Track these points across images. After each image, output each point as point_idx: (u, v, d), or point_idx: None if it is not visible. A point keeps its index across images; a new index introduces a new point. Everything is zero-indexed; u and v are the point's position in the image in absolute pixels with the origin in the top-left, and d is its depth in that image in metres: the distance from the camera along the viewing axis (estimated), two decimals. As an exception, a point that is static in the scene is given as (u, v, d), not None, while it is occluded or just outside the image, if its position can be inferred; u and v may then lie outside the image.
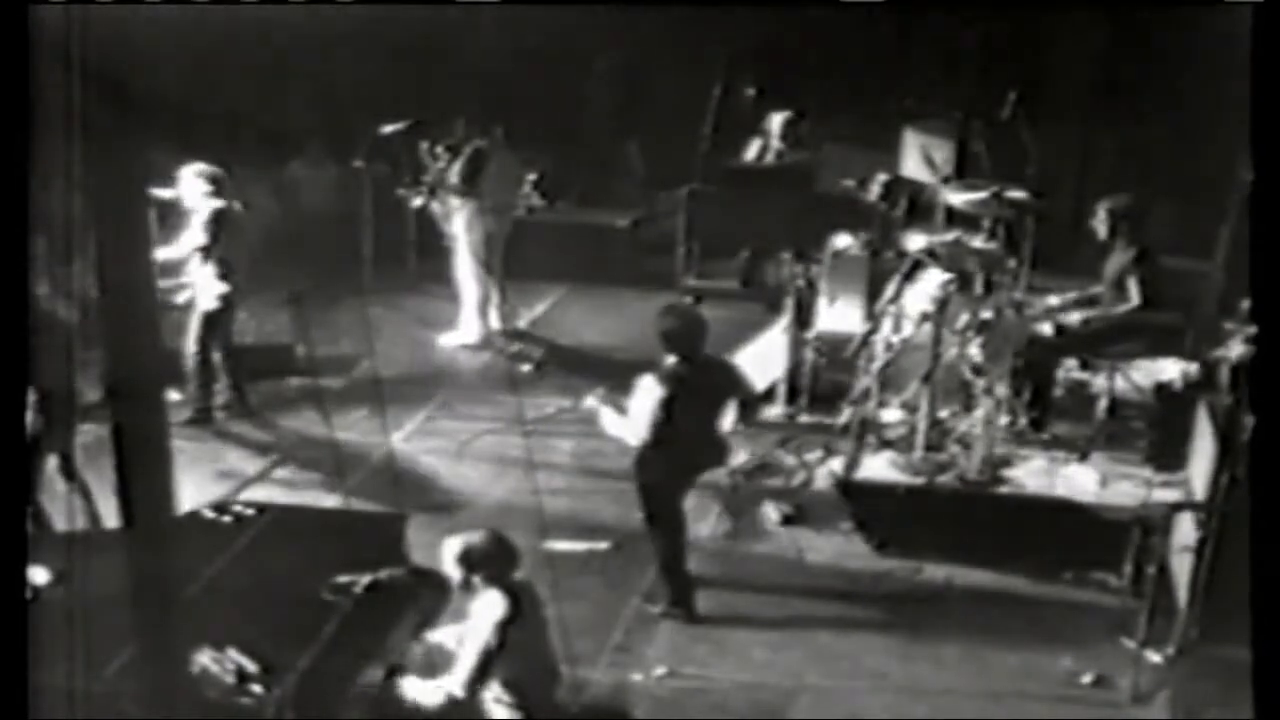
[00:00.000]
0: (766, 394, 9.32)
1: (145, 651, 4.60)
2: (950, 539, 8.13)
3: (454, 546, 6.08)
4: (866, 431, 8.80)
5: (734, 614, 7.73)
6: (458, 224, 10.72)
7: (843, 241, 9.83)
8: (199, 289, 9.28)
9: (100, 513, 6.86)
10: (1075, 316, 8.88)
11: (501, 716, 6.03)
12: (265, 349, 9.99)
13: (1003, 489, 8.39)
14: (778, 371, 9.55)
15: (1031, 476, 8.47)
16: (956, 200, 9.14)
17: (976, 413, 8.61)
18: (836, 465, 8.77)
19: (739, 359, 8.84)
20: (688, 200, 11.64)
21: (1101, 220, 8.79)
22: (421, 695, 5.90)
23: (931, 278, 8.81)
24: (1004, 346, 8.64)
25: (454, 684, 5.90)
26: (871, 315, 9.17)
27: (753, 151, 11.29)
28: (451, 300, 10.92)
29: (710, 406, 7.52)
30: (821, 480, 8.81)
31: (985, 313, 8.70)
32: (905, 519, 8.29)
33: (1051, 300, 9.10)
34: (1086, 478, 8.44)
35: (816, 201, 10.62)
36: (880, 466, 8.58)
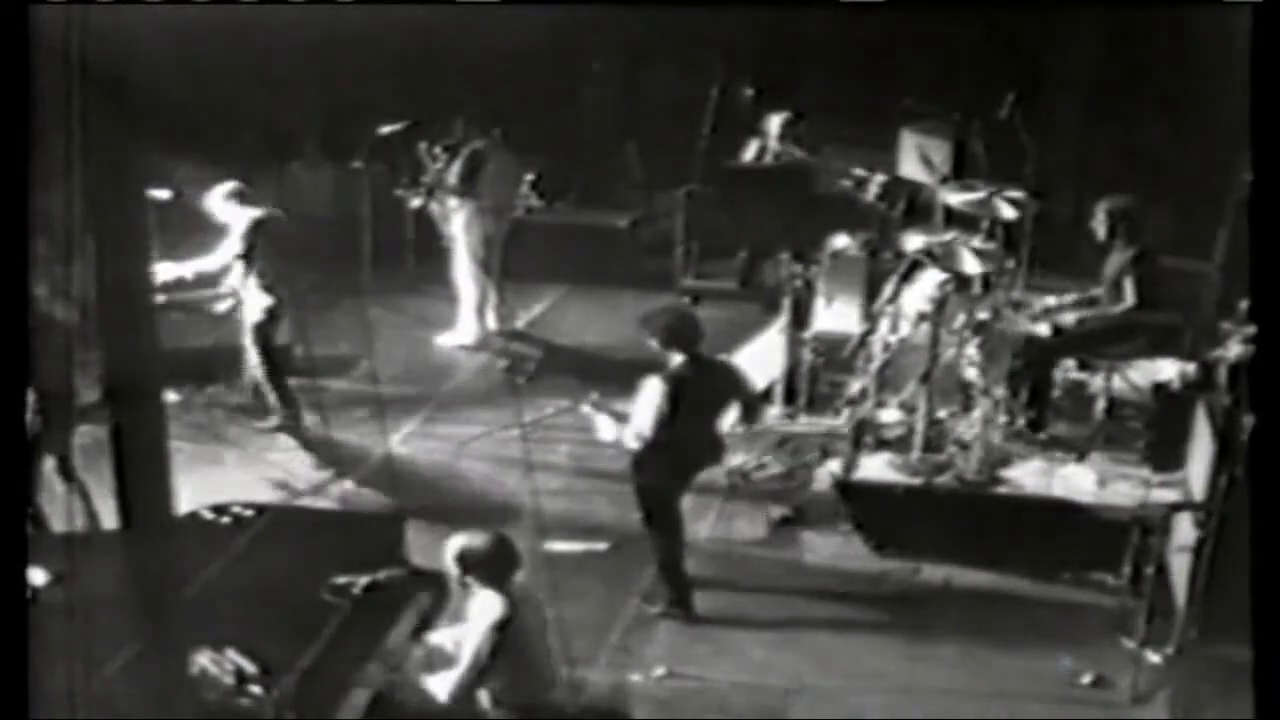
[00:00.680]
0: (765, 395, 9.31)
1: (144, 652, 4.60)
2: (949, 539, 8.13)
3: (453, 546, 6.08)
4: (864, 432, 8.79)
5: (733, 614, 7.73)
6: (456, 225, 10.71)
7: (841, 242, 9.83)
8: (244, 300, 9.19)
9: (99, 514, 6.85)
10: (1071, 317, 8.88)
11: (496, 718, 6.03)
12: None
13: (1001, 489, 8.38)
14: (775, 372, 9.55)
15: (1030, 477, 8.46)
16: (954, 201, 9.13)
17: (974, 413, 8.61)
18: (835, 466, 8.76)
19: (737, 359, 8.83)
20: (686, 201, 11.66)
21: (1100, 221, 8.78)
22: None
23: (929, 278, 8.81)
24: (1002, 347, 8.64)
25: (447, 685, 5.90)
26: (869, 315, 9.17)
27: (751, 152, 11.29)
28: (450, 301, 10.91)
29: (712, 408, 7.52)
30: (820, 481, 8.80)
31: (983, 313, 8.71)
32: (903, 519, 8.29)
33: (1049, 301, 9.09)
34: (1085, 478, 8.44)
35: (814, 202, 10.62)
36: (878, 467, 8.57)
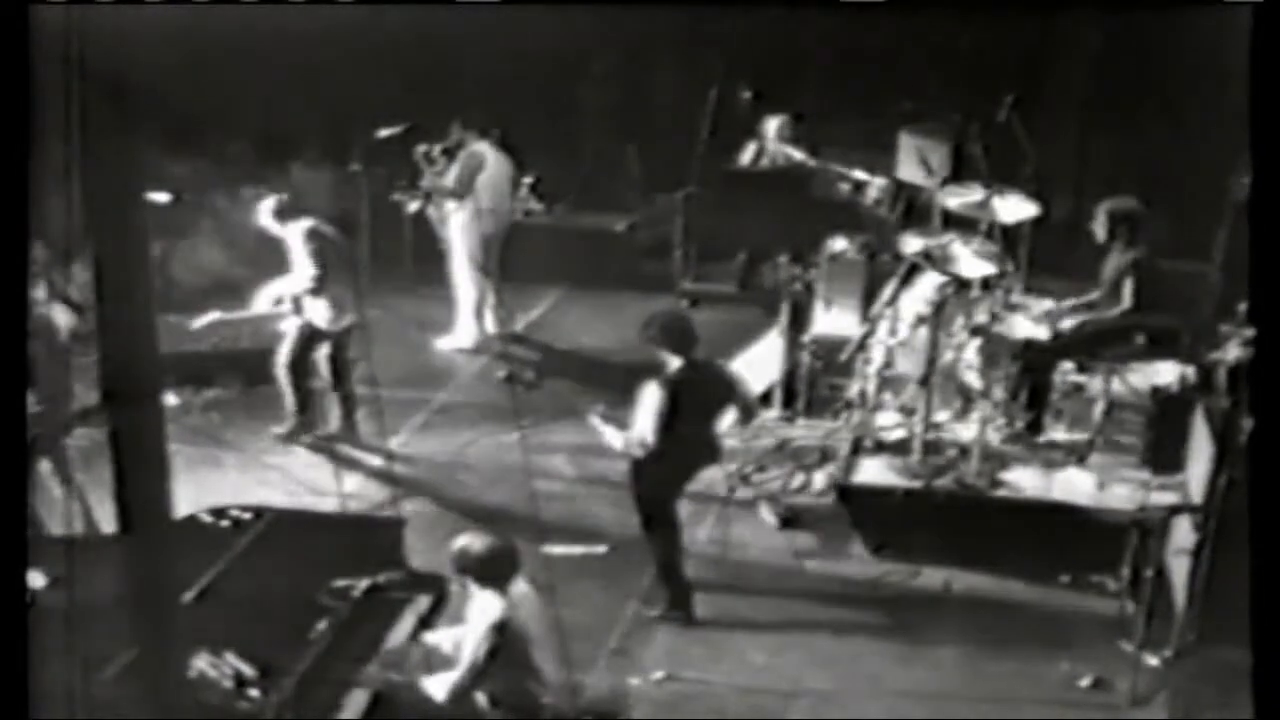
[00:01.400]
0: (763, 397, 9.31)
1: (143, 655, 4.59)
2: (948, 542, 8.13)
3: (453, 548, 6.08)
4: (863, 435, 8.79)
5: (732, 617, 7.73)
6: (454, 227, 10.71)
7: (839, 244, 9.82)
8: (313, 317, 9.08)
9: (97, 517, 6.84)
10: (1069, 320, 8.87)
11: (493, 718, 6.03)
12: (262, 353, 9.95)
13: (1000, 492, 8.37)
14: (774, 375, 9.54)
15: (1029, 479, 8.46)
16: (953, 203, 9.12)
17: (973, 416, 8.60)
18: (834, 468, 8.76)
19: (736, 364, 8.83)
20: (684, 203, 11.65)
21: (1101, 222, 8.78)
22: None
23: (928, 281, 8.81)
24: (1000, 350, 8.63)
25: (445, 686, 5.90)
26: (868, 318, 9.16)
27: (748, 155, 11.29)
28: (448, 304, 10.91)
29: (709, 411, 7.52)
30: (819, 483, 8.81)
31: (981, 316, 8.70)
32: (903, 522, 8.28)
33: (1048, 304, 9.07)
34: (1084, 481, 8.43)
35: (812, 205, 10.63)
36: (877, 470, 8.57)
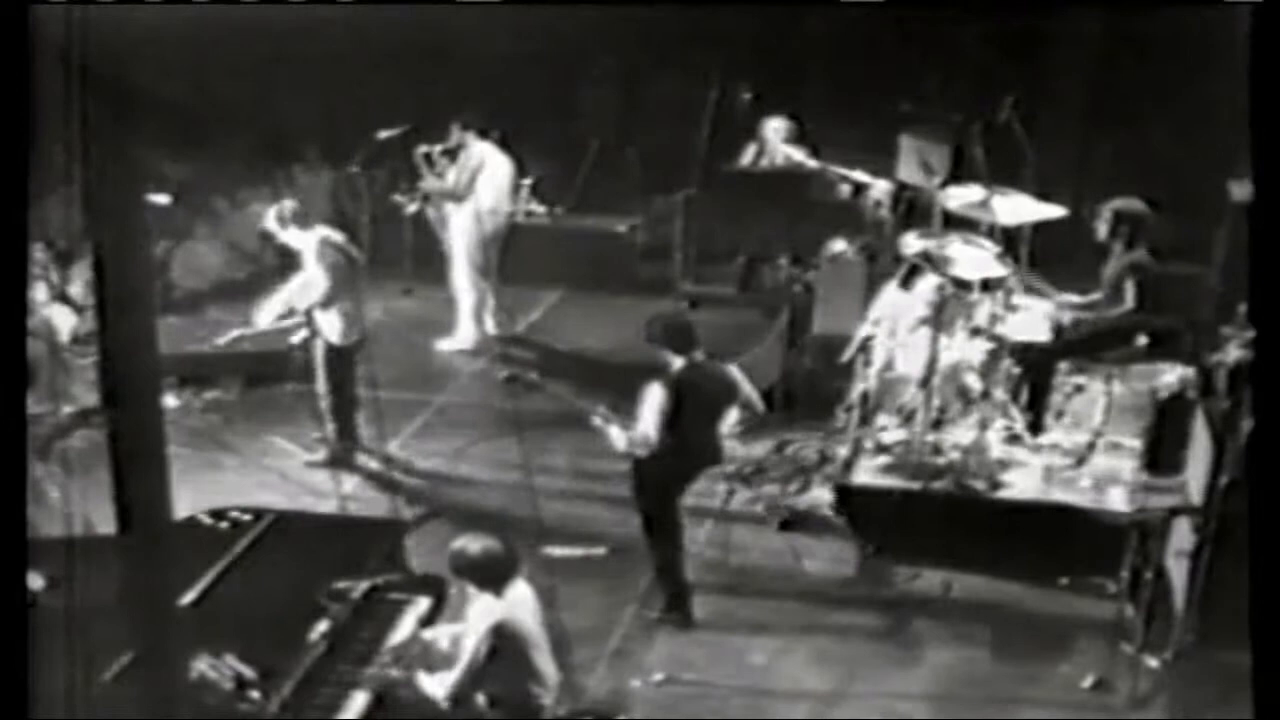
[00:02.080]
0: (764, 398, 9.30)
1: (142, 657, 4.59)
2: (947, 544, 8.13)
3: (452, 550, 6.08)
4: (863, 436, 8.79)
5: (731, 619, 7.73)
6: (454, 229, 10.71)
7: (839, 246, 9.82)
8: (325, 329, 8.89)
9: (95, 519, 6.84)
10: (1069, 320, 8.88)
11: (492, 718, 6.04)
12: (261, 355, 9.97)
13: (1000, 494, 8.37)
14: (774, 376, 9.54)
15: (1029, 481, 8.45)
16: (953, 204, 9.13)
17: (973, 417, 8.60)
18: (833, 470, 8.76)
19: (736, 365, 8.82)
20: (685, 205, 11.65)
21: (1105, 220, 8.77)
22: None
23: (928, 282, 8.80)
24: (1000, 351, 8.62)
25: (444, 687, 5.90)
26: (868, 319, 9.15)
27: (749, 156, 11.29)
28: (448, 305, 10.91)
29: (710, 411, 7.53)
30: (818, 485, 8.80)
31: (981, 317, 8.70)
32: (902, 524, 8.28)
33: (1047, 305, 9.06)
34: (1083, 482, 8.43)
35: (813, 206, 10.64)
36: (877, 471, 8.57)
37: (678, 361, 7.39)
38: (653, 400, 7.25)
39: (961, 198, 8.96)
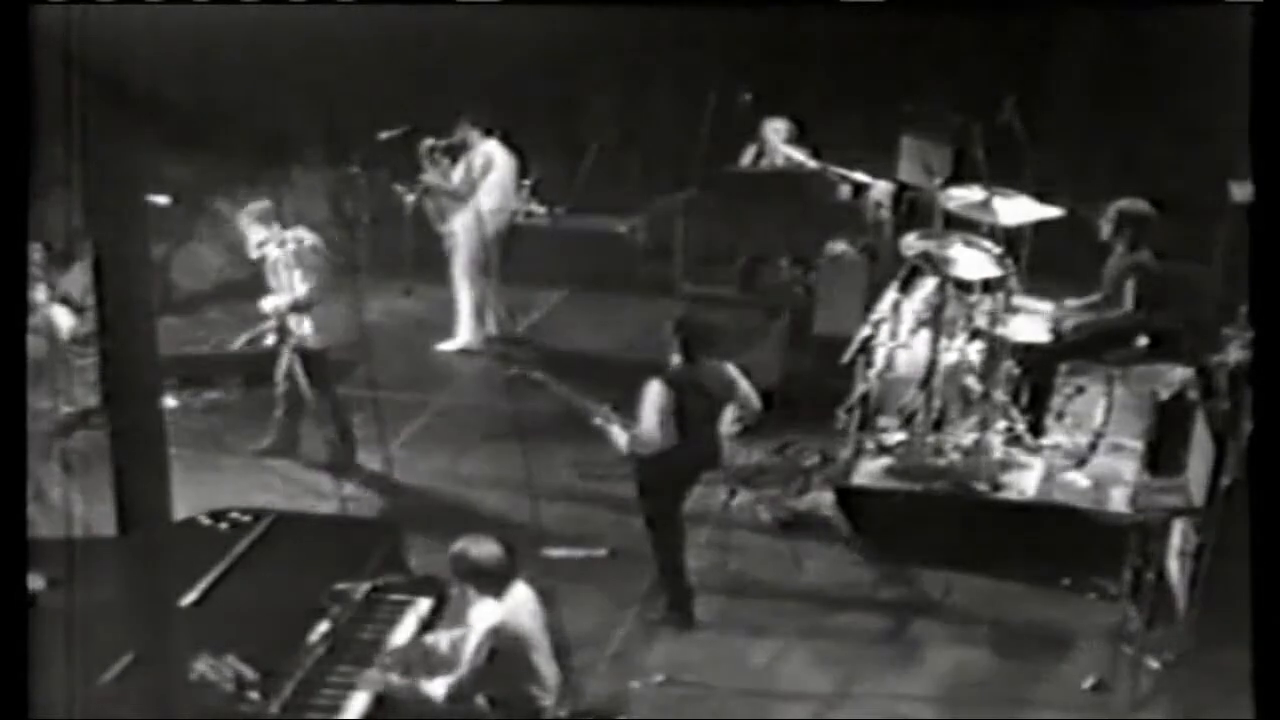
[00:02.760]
0: (764, 399, 9.29)
1: (143, 658, 4.59)
2: (948, 545, 8.12)
3: (452, 552, 6.07)
4: (864, 437, 8.78)
5: (732, 621, 7.72)
6: (456, 228, 10.70)
7: (840, 247, 9.82)
8: (298, 332, 8.90)
9: (95, 519, 6.83)
10: (1070, 322, 8.87)
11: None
12: (261, 355, 9.95)
13: (1000, 495, 8.37)
14: (775, 377, 9.53)
15: (1029, 482, 8.45)
16: (953, 205, 9.12)
17: (974, 418, 8.59)
18: (834, 471, 8.75)
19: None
20: (685, 205, 11.65)
21: (1109, 218, 8.77)
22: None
23: (928, 283, 8.80)
24: (1001, 352, 8.62)
25: (445, 689, 5.89)
26: (869, 320, 9.15)
27: (749, 157, 11.28)
28: (448, 306, 10.90)
29: (709, 409, 7.52)
30: (819, 487, 8.79)
31: (982, 318, 8.69)
32: (903, 525, 8.28)
33: (1048, 305, 9.06)
34: (1084, 483, 8.43)
35: (813, 206, 10.63)
36: (878, 473, 8.56)
37: (676, 359, 7.39)
38: (653, 398, 7.25)
39: (962, 198, 8.94)
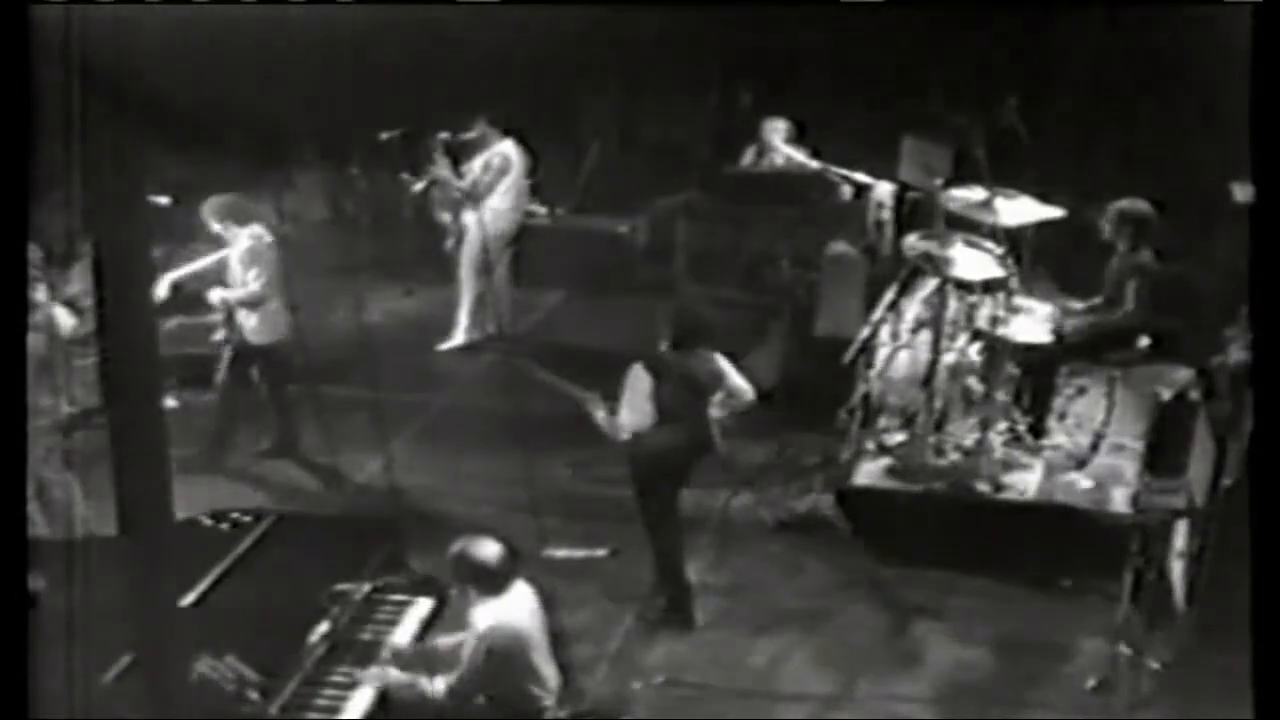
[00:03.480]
0: (764, 400, 9.29)
1: (143, 658, 4.59)
2: (949, 545, 8.12)
3: (452, 553, 6.07)
4: (865, 438, 8.78)
5: (732, 621, 7.72)
6: (465, 226, 10.69)
7: (840, 247, 9.81)
8: (261, 325, 8.93)
9: (95, 519, 6.84)
10: (1071, 323, 8.87)
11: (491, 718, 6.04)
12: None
13: (1002, 495, 8.37)
14: (775, 378, 9.52)
15: (1030, 482, 8.45)
16: (955, 205, 9.12)
17: (975, 419, 8.59)
18: (835, 472, 8.75)
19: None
20: (686, 206, 11.65)
21: (1111, 218, 8.77)
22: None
23: (930, 283, 8.79)
24: (1002, 353, 8.62)
25: (445, 689, 5.89)
26: (870, 321, 9.14)
27: (749, 157, 11.29)
28: (448, 306, 10.90)
29: (696, 395, 7.50)
30: (819, 487, 8.79)
31: (983, 319, 8.69)
32: (904, 525, 8.28)
33: (1049, 306, 9.05)
34: (1085, 484, 8.43)
35: (814, 207, 10.63)
36: (878, 473, 8.56)
37: (664, 345, 7.41)
38: (635, 382, 7.27)
39: (963, 199, 8.94)
